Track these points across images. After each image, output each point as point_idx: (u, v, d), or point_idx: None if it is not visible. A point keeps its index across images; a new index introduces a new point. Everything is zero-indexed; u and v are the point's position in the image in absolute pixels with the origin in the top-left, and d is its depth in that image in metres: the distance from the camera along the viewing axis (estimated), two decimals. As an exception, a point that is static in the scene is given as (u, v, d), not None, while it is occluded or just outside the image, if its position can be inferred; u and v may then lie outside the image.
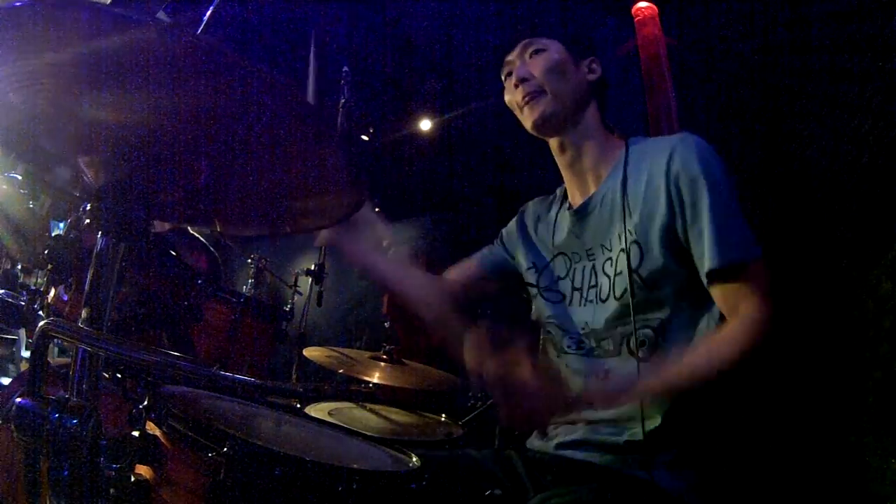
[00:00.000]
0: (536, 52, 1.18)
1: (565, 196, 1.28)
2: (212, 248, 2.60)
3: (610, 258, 1.12)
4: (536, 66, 1.16)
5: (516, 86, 1.17)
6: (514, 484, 1.09)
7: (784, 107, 2.10)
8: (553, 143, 1.22)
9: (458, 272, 1.38)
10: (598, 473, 1.02)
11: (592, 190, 1.19)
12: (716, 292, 0.99)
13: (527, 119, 1.18)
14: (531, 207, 1.37)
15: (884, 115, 1.66)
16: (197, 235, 2.69)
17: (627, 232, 1.07)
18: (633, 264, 1.05)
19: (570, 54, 1.18)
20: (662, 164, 1.05)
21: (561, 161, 1.24)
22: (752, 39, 2.29)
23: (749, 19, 2.31)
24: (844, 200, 1.77)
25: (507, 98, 1.23)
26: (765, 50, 2.22)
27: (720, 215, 0.98)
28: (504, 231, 1.39)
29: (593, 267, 1.16)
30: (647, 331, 1.05)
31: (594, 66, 1.21)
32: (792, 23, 2.10)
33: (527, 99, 1.16)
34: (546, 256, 1.26)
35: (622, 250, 1.08)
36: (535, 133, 1.20)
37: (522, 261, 1.31)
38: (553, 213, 1.29)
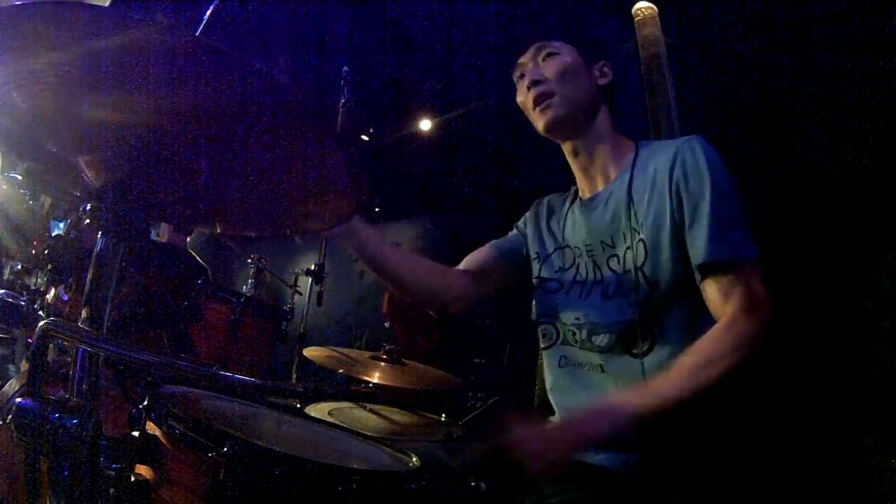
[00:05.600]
0: (549, 55, 1.19)
1: (577, 193, 1.31)
2: (203, 264, 2.59)
3: (615, 255, 1.13)
4: (549, 70, 1.18)
5: (529, 88, 1.19)
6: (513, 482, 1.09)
7: (784, 107, 2.10)
8: (566, 146, 1.25)
9: (473, 259, 1.38)
10: (595, 474, 1.02)
11: (601, 187, 1.21)
12: (706, 289, 1.00)
13: (538, 122, 1.20)
14: (547, 201, 1.39)
15: (884, 115, 1.66)
16: (191, 253, 2.69)
17: (632, 230, 1.09)
18: (639, 262, 1.06)
19: (583, 58, 1.20)
20: (667, 164, 1.07)
21: (574, 164, 1.26)
22: (752, 39, 2.29)
23: (749, 19, 2.31)
24: (845, 200, 1.77)
25: (519, 99, 1.25)
26: (765, 50, 2.22)
27: (719, 214, 1.00)
28: (522, 219, 1.41)
29: (595, 263, 1.17)
30: (647, 329, 1.05)
31: (605, 69, 1.22)
32: (792, 23, 2.09)
33: (538, 102, 1.17)
34: (551, 248, 1.28)
35: (628, 248, 1.09)
36: (546, 136, 1.22)
37: (531, 249, 1.33)
38: (565, 208, 1.31)
